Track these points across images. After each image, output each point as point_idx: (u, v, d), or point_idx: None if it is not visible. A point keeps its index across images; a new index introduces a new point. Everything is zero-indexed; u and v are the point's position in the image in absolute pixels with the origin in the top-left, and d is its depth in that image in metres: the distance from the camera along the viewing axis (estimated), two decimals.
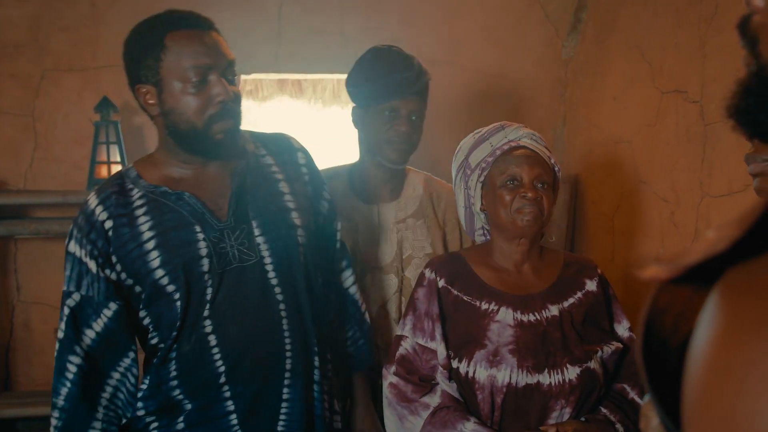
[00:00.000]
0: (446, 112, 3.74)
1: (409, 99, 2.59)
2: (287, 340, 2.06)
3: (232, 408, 2.02)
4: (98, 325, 2.02)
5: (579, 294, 2.24)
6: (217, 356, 2.01)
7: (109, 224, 2.00)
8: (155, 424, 2.05)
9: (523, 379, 2.09)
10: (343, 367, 2.36)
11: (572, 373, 2.11)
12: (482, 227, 2.34)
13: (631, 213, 3.25)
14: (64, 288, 2.04)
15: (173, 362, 2.02)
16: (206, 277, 1.99)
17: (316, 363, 2.12)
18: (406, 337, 2.25)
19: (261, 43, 3.55)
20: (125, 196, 2.03)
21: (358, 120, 2.68)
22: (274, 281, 2.06)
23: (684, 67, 2.85)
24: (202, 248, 2.00)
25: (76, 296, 2.02)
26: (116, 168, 3.40)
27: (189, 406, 2.02)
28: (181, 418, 2.03)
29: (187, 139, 2.01)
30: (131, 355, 2.07)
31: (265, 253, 2.06)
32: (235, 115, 2.03)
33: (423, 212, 2.74)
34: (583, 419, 2.13)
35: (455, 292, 2.24)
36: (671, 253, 0.62)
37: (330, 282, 2.33)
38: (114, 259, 2.01)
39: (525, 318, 2.17)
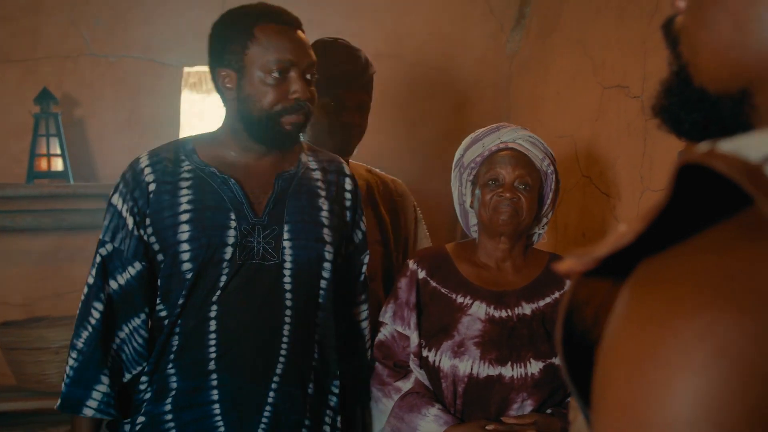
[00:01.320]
0: (389, 106, 3.74)
1: (353, 90, 2.61)
2: (284, 346, 2.09)
3: (216, 397, 2.05)
4: (122, 278, 2.09)
5: (557, 294, 2.30)
6: (212, 341, 2.05)
7: (153, 187, 2.07)
8: (145, 404, 2.09)
9: (485, 370, 2.16)
10: (348, 397, 2.37)
11: (535, 367, 2.17)
12: (476, 224, 2.39)
13: (574, 207, 3.28)
14: (101, 237, 2.11)
15: (176, 337, 2.07)
16: (225, 264, 2.05)
17: (312, 377, 2.14)
18: (386, 324, 2.34)
19: (205, 35, 3.52)
20: (175, 166, 2.10)
21: None
22: (287, 286, 2.10)
23: (626, 62, 2.89)
24: (231, 236, 2.05)
25: (109, 247, 2.09)
26: (56, 161, 3.35)
27: (175, 385, 2.06)
28: (169, 400, 2.06)
29: (257, 125, 2.07)
30: (142, 316, 2.12)
31: (288, 258, 2.10)
32: (307, 113, 2.09)
33: (369, 200, 2.76)
34: (548, 411, 2.19)
35: (433, 284, 2.31)
36: (585, 247, 0.63)
37: (345, 311, 2.34)
38: (148, 221, 2.07)
39: (497, 313, 2.24)
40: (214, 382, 2.05)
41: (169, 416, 2.06)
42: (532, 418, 2.14)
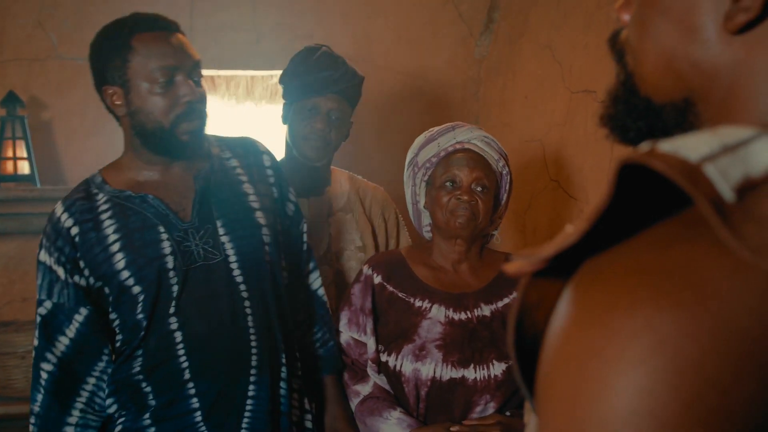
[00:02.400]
0: (359, 110, 3.73)
1: (329, 97, 2.62)
2: (252, 338, 2.09)
3: (197, 405, 2.04)
4: (71, 331, 2.04)
5: (515, 294, 2.27)
6: (182, 352, 2.03)
7: (75, 230, 2.02)
8: (122, 419, 2.07)
9: (448, 373, 2.15)
10: (314, 369, 2.37)
11: (498, 369, 2.16)
12: (429, 224, 2.38)
13: (542, 211, 3.30)
14: (38, 297, 2.06)
15: (139, 359, 2.04)
16: (171, 274, 2.02)
17: (283, 360, 2.15)
18: (342, 332, 2.33)
19: None
20: (90, 202, 2.06)
21: (286, 114, 2.71)
22: (239, 279, 2.09)
23: (593, 67, 2.91)
24: (166, 247, 2.03)
25: (48, 304, 2.04)
26: (23, 164, 3.32)
27: (153, 402, 2.04)
28: (147, 415, 2.04)
29: (154, 139, 2.03)
30: (105, 358, 2.08)
31: (230, 252, 2.09)
32: (201, 115, 2.06)
33: (351, 207, 2.81)
34: (507, 413, 2.18)
35: (390, 289, 2.30)
36: (533, 247, 0.64)
37: (298, 283, 2.36)
38: (82, 264, 2.03)
39: (456, 316, 2.22)
40: (192, 391, 2.04)
41: (151, 430, 2.04)
42: (494, 419, 2.13)
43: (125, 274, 2.00)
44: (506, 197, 2.34)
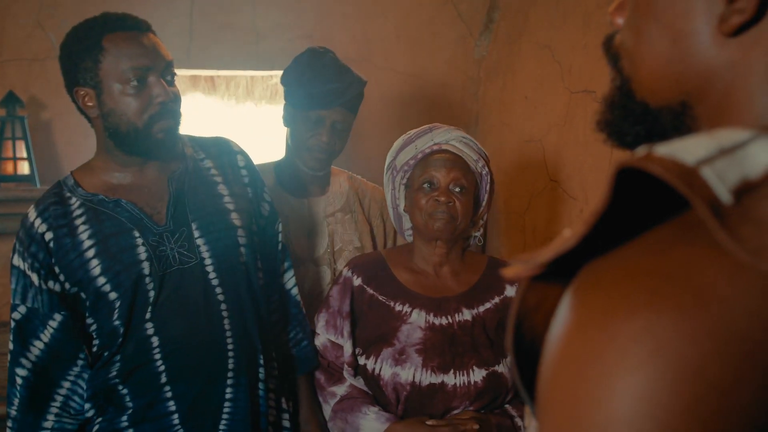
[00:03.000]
0: (358, 110, 3.74)
1: (335, 109, 2.60)
2: (229, 340, 2.08)
3: (173, 408, 2.03)
4: (45, 336, 2.03)
5: (496, 299, 2.27)
6: (158, 356, 2.02)
7: (49, 236, 2.01)
8: (100, 420, 2.07)
9: (427, 378, 2.13)
10: (288, 369, 2.37)
11: (478, 375, 2.14)
12: (411, 227, 2.36)
13: (542, 211, 3.30)
14: (12, 301, 2.05)
15: (116, 364, 2.03)
16: (147, 280, 2.01)
17: (261, 361, 2.15)
18: (319, 334, 2.32)
19: (172, 39, 3.50)
20: (64, 206, 2.04)
21: (288, 118, 2.69)
22: (214, 282, 2.08)
23: (593, 67, 2.91)
24: (142, 252, 2.01)
25: (22, 309, 2.03)
26: (22, 164, 3.32)
27: (131, 404, 2.04)
28: (125, 417, 2.04)
29: (128, 140, 2.02)
30: (80, 362, 2.08)
31: (206, 255, 2.08)
32: (175, 115, 2.04)
33: (350, 207, 2.80)
34: (482, 411, 2.16)
35: (370, 292, 2.28)
36: (532, 252, 0.64)
37: (273, 283, 2.34)
38: (57, 269, 2.01)
39: (437, 321, 2.21)
40: (169, 394, 2.03)
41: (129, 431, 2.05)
42: (468, 414, 2.12)
43: (101, 280, 1.99)
44: (487, 198, 2.31)
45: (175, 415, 2.03)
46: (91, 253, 1.99)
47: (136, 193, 2.07)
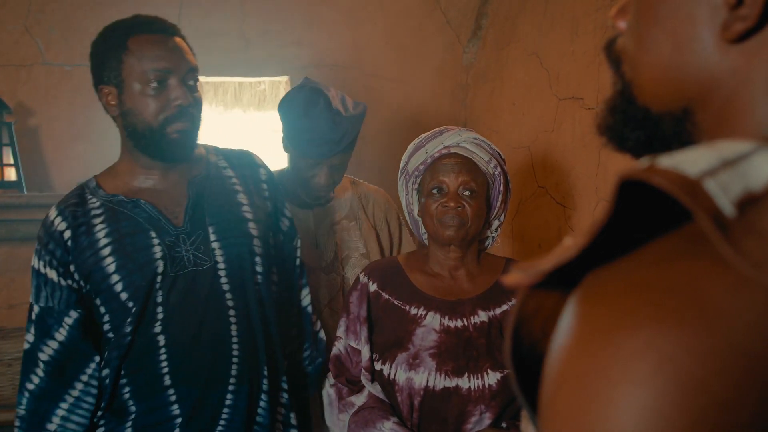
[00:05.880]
0: None
1: (333, 157, 2.60)
2: (235, 347, 2.08)
3: (177, 412, 2.04)
4: (61, 334, 2.05)
5: (514, 301, 2.23)
6: (163, 356, 2.03)
7: (68, 234, 2.03)
8: (103, 425, 2.07)
9: (441, 382, 2.12)
10: (302, 385, 2.38)
11: (493, 378, 2.12)
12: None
13: (530, 217, 3.31)
14: (30, 300, 2.08)
15: (126, 362, 2.04)
16: (159, 279, 2.02)
17: (265, 372, 2.14)
18: (341, 338, 2.30)
19: None
20: (84, 206, 2.06)
21: (286, 147, 2.67)
22: (225, 287, 2.09)
23: (580, 74, 2.92)
24: (157, 252, 2.03)
25: (36, 309, 2.06)
26: (9, 170, 3.31)
27: (134, 409, 2.04)
28: (128, 423, 2.04)
29: (144, 140, 2.04)
30: (93, 365, 2.08)
31: (219, 259, 2.08)
32: (193, 119, 2.06)
33: (354, 214, 2.81)
34: (503, 425, 2.14)
35: (386, 296, 2.27)
36: (532, 261, 0.64)
37: (291, 298, 2.35)
38: (72, 267, 2.03)
39: (452, 324, 2.19)
40: (173, 398, 2.03)
41: None
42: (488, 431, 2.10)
43: (114, 278, 2.00)
44: (501, 197, 2.28)
45: (179, 419, 2.03)
46: (106, 251, 2.01)
47: (155, 195, 2.10)
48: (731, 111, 0.65)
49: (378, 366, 2.21)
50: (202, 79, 3.71)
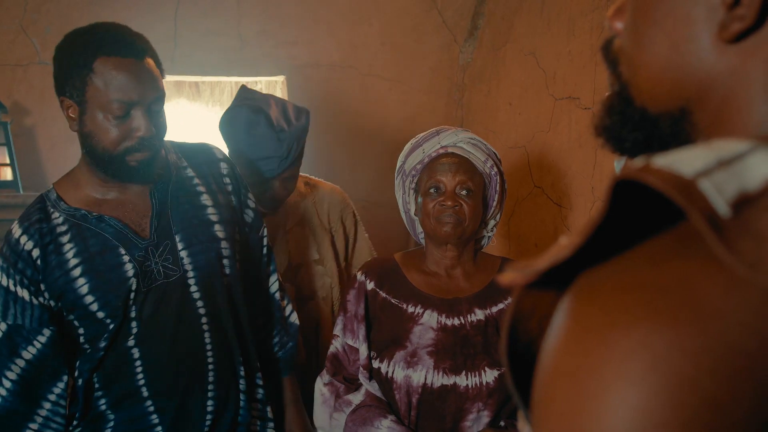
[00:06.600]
0: (343, 117, 3.74)
1: (282, 172, 2.60)
2: (209, 354, 2.08)
3: (157, 421, 2.03)
4: (29, 353, 1.99)
5: (510, 299, 2.26)
6: (139, 369, 2.01)
7: (36, 253, 1.97)
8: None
9: (439, 380, 2.13)
10: (273, 371, 2.37)
11: (490, 376, 2.13)
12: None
13: (526, 217, 3.31)
14: None
15: (96, 377, 2.02)
16: (133, 296, 1.99)
17: (241, 373, 2.14)
18: (338, 336, 2.31)
19: (157, 44, 3.49)
20: (48, 223, 1.99)
21: (236, 164, 2.61)
22: (196, 295, 2.07)
23: (577, 74, 2.92)
24: (129, 270, 1.98)
25: (3, 326, 1.99)
26: (5, 170, 3.30)
27: (112, 417, 2.02)
28: (108, 431, 2.03)
29: (102, 163, 1.97)
30: (61, 384, 2.04)
31: (188, 267, 2.06)
32: (153, 148, 1.98)
33: (307, 219, 2.80)
34: (501, 424, 2.15)
35: (383, 295, 2.28)
36: (527, 260, 0.64)
37: (258, 288, 2.34)
38: (43, 286, 1.97)
39: (449, 321, 2.20)
40: (151, 408, 2.02)
41: None
42: None
43: (89, 299, 1.96)
44: (498, 197, 2.30)
45: (159, 428, 2.02)
46: (77, 272, 1.96)
47: (119, 208, 2.04)
48: (729, 111, 0.65)
49: (376, 364, 2.22)
50: (198, 79, 3.72)
